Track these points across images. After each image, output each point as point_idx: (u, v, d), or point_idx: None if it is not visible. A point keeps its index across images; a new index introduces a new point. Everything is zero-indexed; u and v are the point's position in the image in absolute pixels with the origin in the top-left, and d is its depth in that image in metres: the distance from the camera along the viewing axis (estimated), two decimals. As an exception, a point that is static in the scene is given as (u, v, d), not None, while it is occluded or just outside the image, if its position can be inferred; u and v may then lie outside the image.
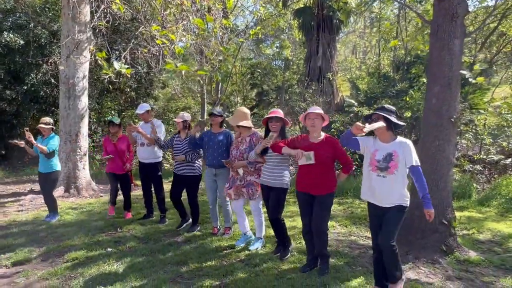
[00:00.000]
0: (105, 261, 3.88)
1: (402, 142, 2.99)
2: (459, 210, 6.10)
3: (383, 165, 2.98)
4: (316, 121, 3.43)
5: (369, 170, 3.08)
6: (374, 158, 3.04)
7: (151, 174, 5.42)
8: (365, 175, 3.16)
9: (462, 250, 4.02)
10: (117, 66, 4.45)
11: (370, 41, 20.33)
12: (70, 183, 7.79)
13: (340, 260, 3.88)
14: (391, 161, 2.96)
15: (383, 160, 2.99)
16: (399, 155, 2.94)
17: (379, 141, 3.08)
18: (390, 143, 3.02)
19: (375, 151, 3.06)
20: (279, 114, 3.83)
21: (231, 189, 4.18)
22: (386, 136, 3.03)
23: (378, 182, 3.02)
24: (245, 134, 4.20)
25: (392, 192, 2.96)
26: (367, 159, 3.12)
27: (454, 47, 4.01)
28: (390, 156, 2.97)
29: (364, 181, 3.19)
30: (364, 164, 3.17)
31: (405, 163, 2.93)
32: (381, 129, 2.97)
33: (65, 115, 7.75)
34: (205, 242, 4.43)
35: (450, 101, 4.00)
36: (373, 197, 3.10)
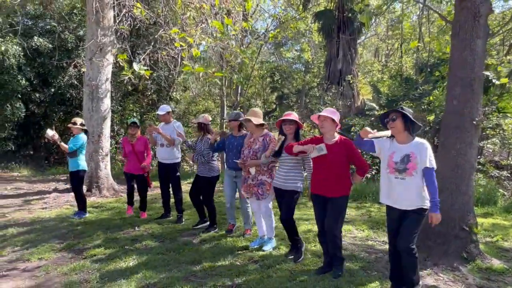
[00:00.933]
0: (122, 258, 3.96)
1: (419, 143, 2.93)
2: (484, 216, 5.88)
3: (401, 166, 2.92)
4: (325, 123, 3.39)
5: (387, 172, 3.02)
6: (391, 160, 2.98)
7: (170, 174, 5.51)
8: (383, 178, 3.10)
9: (485, 257, 3.86)
10: (137, 68, 4.59)
11: (393, 44, 19.98)
12: (92, 183, 8.00)
13: (356, 264, 3.80)
14: (409, 162, 2.90)
15: (400, 161, 2.93)
16: (416, 156, 2.88)
17: (396, 142, 3.02)
18: (407, 144, 2.96)
19: (392, 153, 3.00)
20: (293, 116, 3.81)
21: (243, 189, 4.21)
22: (403, 136, 2.97)
23: (396, 184, 2.96)
24: (257, 134, 4.19)
25: (411, 194, 2.90)
26: (384, 161, 3.08)
27: (477, 47, 3.88)
28: (408, 158, 2.91)
29: (382, 184, 3.13)
30: (381, 167, 3.13)
31: (421, 165, 2.87)
32: (397, 129, 2.91)
33: (89, 116, 7.98)
34: (220, 243, 4.45)
35: (472, 102, 3.86)
36: (392, 200, 3.03)
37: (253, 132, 4.22)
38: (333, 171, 3.35)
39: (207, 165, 4.89)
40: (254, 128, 4.16)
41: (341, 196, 3.38)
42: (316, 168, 3.48)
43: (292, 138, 3.83)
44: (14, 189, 8.43)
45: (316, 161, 3.47)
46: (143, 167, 5.58)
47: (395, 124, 2.93)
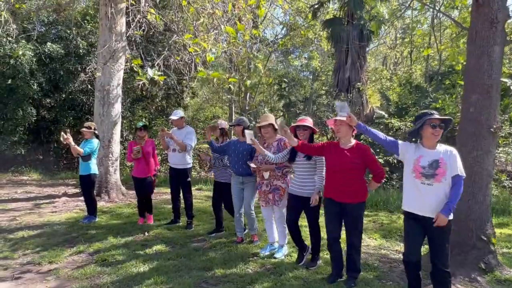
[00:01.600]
0: (132, 263, 3.93)
1: (449, 150, 2.87)
2: (499, 227, 5.75)
3: (429, 172, 2.84)
4: (342, 128, 3.34)
5: (413, 177, 2.92)
6: (418, 164, 2.89)
7: (181, 180, 5.48)
8: (408, 183, 2.99)
9: (503, 269, 3.76)
10: (151, 73, 4.60)
11: (402, 52, 19.93)
12: (102, 187, 8.01)
13: (370, 274, 3.73)
14: (438, 168, 2.82)
15: (428, 166, 2.85)
16: (446, 163, 2.82)
17: (423, 147, 2.94)
18: (436, 150, 2.89)
19: (419, 157, 2.91)
20: (307, 122, 3.78)
21: (260, 197, 4.17)
22: (434, 142, 2.89)
23: (423, 190, 2.86)
24: (271, 140, 4.15)
25: (439, 201, 2.81)
26: (409, 165, 2.97)
27: (494, 54, 3.83)
28: (437, 163, 2.83)
29: (406, 190, 3.01)
30: (405, 172, 3.02)
31: (451, 171, 2.80)
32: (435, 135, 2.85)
33: (99, 121, 8.03)
34: (231, 249, 4.39)
35: (489, 110, 3.80)
36: (417, 206, 2.91)
37: (269, 137, 4.15)
38: (349, 176, 3.29)
39: (228, 170, 4.87)
40: (272, 133, 4.09)
41: (358, 202, 3.33)
42: (330, 171, 3.42)
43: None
44: (24, 193, 8.48)
45: (330, 165, 3.42)
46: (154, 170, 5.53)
47: (441, 132, 2.86)
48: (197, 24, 6.34)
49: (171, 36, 7.54)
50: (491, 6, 3.80)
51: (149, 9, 6.67)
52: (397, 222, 5.91)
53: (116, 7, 7.62)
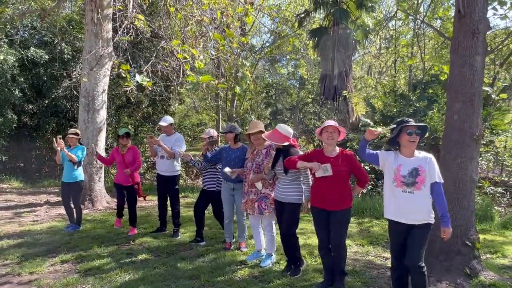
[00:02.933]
0: (117, 272, 3.84)
1: (427, 157, 2.92)
2: (481, 233, 5.85)
3: (410, 180, 2.88)
4: (335, 135, 3.36)
5: (394, 186, 2.96)
6: (398, 173, 2.94)
7: (169, 187, 5.41)
8: (388, 192, 3.03)
9: (488, 273, 3.82)
10: (139, 79, 4.56)
11: (386, 61, 20.34)
12: (85, 195, 7.82)
13: (357, 280, 3.73)
14: (418, 176, 2.86)
15: (409, 175, 2.89)
16: (425, 170, 2.86)
17: (401, 155, 2.98)
18: (414, 158, 2.94)
19: (399, 166, 2.95)
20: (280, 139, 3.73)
21: (246, 204, 4.12)
22: (412, 150, 2.95)
23: (404, 199, 2.90)
24: (260, 147, 4.14)
25: (420, 209, 2.86)
26: (390, 174, 3.01)
27: (476, 64, 3.94)
28: (417, 171, 2.87)
29: (387, 198, 3.06)
30: (385, 181, 3.06)
31: (430, 178, 2.85)
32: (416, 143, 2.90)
33: (84, 128, 7.89)
34: (218, 257, 4.34)
35: (472, 117, 3.90)
36: (399, 214, 2.95)
37: (259, 144, 4.13)
38: (335, 184, 3.30)
39: (216, 179, 4.84)
40: (262, 140, 4.05)
41: (344, 209, 3.34)
42: (317, 180, 3.42)
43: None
44: (4, 201, 8.21)
45: None
46: (126, 172, 5.41)
47: (417, 138, 2.91)
48: (185, 31, 6.33)
49: (159, 42, 7.49)
50: (472, 17, 3.92)
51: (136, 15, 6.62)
52: (384, 229, 5.96)
53: (103, 13, 7.55)
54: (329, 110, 12.70)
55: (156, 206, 5.69)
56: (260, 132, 4.04)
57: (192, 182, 12.53)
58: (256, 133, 4.05)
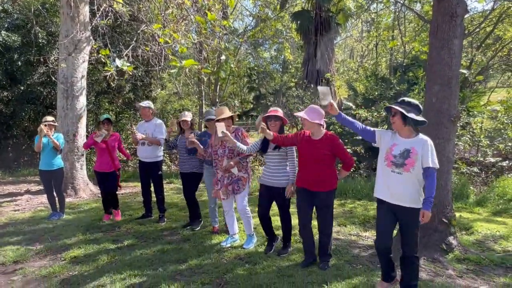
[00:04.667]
0: (103, 258, 3.85)
1: (423, 140, 2.85)
2: (457, 210, 6.11)
3: (399, 161, 2.87)
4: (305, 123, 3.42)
5: (384, 165, 2.96)
6: (390, 152, 2.92)
7: (151, 173, 5.38)
8: (380, 171, 3.04)
9: (463, 249, 4.02)
10: (119, 64, 4.45)
11: (368, 45, 20.47)
12: (68, 183, 7.71)
13: (341, 259, 3.86)
14: (408, 158, 2.83)
15: (399, 155, 2.87)
16: (417, 153, 2.82)
17: (398, 135, 2.95)
18: (410, 139, 2.89)
19: (393, 145, 2.94)
20: (278, 113, 3.82)
21: (220, 190, 4.10)
22: (404, 131, 2.90)
23: (393, 179, 2.90)
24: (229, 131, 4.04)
25: (407, 191, 2.85)
26: (382, 153, 3.01)
27: (454, 47, 4.03)
28: (408, 153, 2.84)
29: (378, 177, 3.06)
30: (379, 159, 3.06)
31: (421, 163, 2.81)
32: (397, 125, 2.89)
33: (63, 115, 7.70)
34: (204, 241, 4.40)
35: (450, 99, 4.01)
36: (388, 194, 2.96)
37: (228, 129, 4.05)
38: (320, 167, 3.37)
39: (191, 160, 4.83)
40: (231, 125, 4.08)
41: (328, 190, 3.42)
42: (303, 162, 3.49)
43: None
44: (-18, 192, 8.01)
45: (302, 155, 3.50)
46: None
47: (394, 119, 2.90)
48: (166, 14, 6.18)
49: (139, 26, 7.28)
50: (450, 0, 3.99)
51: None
52: (366, 209, 6.14)
53: (78, -5, 7.28)
54: (312, 94, 12.75)
55: (140, 192, 5.66)
56: (230, 118, 4.06)
57: (177, 168, 12.48)
58: (226, 119, 4.04)
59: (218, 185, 4.11)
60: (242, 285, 3.18)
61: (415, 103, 2.93)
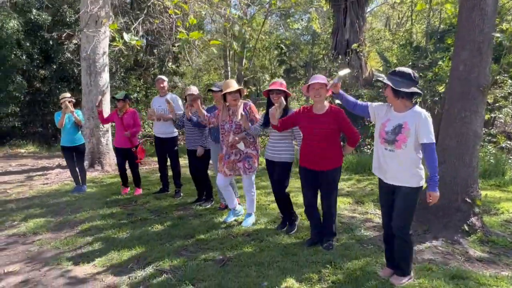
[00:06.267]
0: (115, 232, 3.95)
1: (417, 113, 2.57)
2: (491, 189, 5.69)
3: (391, 137, 2.63)
4: (322, 91, 3.13)
5: (378, 142, 2.76)
6: (383, 129, 2.70)
7: (168, 149, 5.41)
8: (375, 148, 2.84)
9: (487, 231, 3.72)
10: (127, 38, 4.39)
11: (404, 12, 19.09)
12: (95, 158, 8.01)
13: (352, 238, 3.70)
14: (399, 133, 2.59)
15: (391, 131, 2.64)
16: (410, 128, 2.56)
17: (393, 110, 2.71)
18: (403, 113, 2.63)
19: (386, 120, 2.70)
20: (279, 85, 3.58)
21: (225, 166, 3.97)
22: (397, 104, 2.64)
23: (386, 157, 2.69)
24: (235, 107, 3.90)
25: (401, 169, 2.62)
26: (377, 129, 2.79)
27: (486, 7, 3.57)
28: (400, 128, 2.60)
29: (374, 154, 2.86)
30: (374, 135, 2.86)
31: (416, 138, 2.56)
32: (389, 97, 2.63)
33: (87, 91, 7.88)
34: (214, 217, 4.38)
35: (479, 67, 3.60)
36: (382, 173, 2.79)
37: (234, 104, 3.88)
38: (324, 143, 3.16)
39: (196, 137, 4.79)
40: (237, 100, 3.86)
41: (333, 168, 3.23)
42: (306, 139, 3.29)
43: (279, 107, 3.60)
44: (18, 166, 8.51)
45: (304, 132, 3.30)
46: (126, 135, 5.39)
47: (386, 92, 2.66)
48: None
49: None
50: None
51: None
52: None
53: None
54: (340, 65, 12.19)
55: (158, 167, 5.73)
56: (237, 91, 3.84)
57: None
58: (234, 92, 3.83)
59: (223, 161, 4.01)
60: (244, 262, 3.13)
61: (407, 72, 2.62)
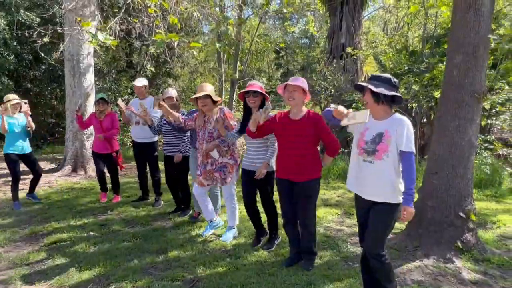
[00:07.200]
0: (82, 246, 3.65)
1: (397, 120, 2.34)
2: (488, 200, 5.44)
3: (371, 147, 2.38)
4: (295, 94, 2.86)
5: (356, 153, 2.49)
6: (362, 138, 2.44)
7: (147, 154, 5.13)
8: (352, 160, 2.57)
9: (482, 247, 3.45)
10: (101, 38, 4.12)
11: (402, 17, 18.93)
12: (78, 162, 7.73)
13: (337, 255, 3.43)
14: (380, 143, 2.34)
15: (371, 141, 2.38)
16: (391, 136, 2.31)
17: (372, 118, 2.45)
18: (383, 121, 2.39)
19: (365, 130, 2.45)
20: (257, 87, 3.29)
21: (201, 175, 3.67)
22: (377, 111, 2.39)
23: (364, 169, 2.42)
24: (211, 113, 3.61)
25: (380, 183, 2.36)
26: (355, 139, 2.54)
27: (483, 7, 3.33)
28: (380, 137, 2.35)
29: (350, 167, 2.60)
30: (352, 146, 2.59)
31: (395, 147, 2.31)
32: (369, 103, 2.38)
33: (71, 93, 7.61)
34: (192, 229, 4.10)
35: (474, 72, 3.35)
36: (359, 187, 2.50)
37: (208, 110, 3.56)
38: (301, 152, 2.89)
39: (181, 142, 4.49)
40: (211, 105, 3.55)
41: (311, 179, 2.94)
42: (282, 148, 3.01)
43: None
44: (0, 169, 8.20)
45: (280, 139, 3.02)
46: (99, 138, 5.09)
47: (365, 98, 2.41)
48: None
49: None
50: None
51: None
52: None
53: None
54: (335, 69, 11.96)
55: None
56: (207, 97, 3.51)
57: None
58: (203, 98, 3.50)
59: (199, 170, 3.72)
60: (215, 283, 2.85)
61: (386, 77, 2.42)
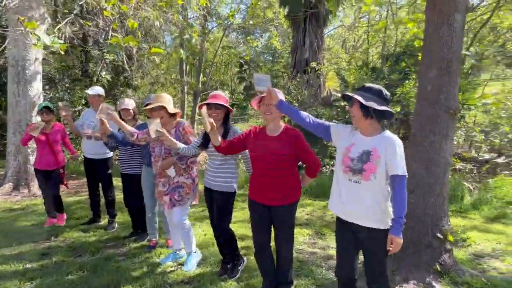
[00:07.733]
0: (15, 283, 3.08)
1: (387, 138, 2.14)
2: (453, 215, 5.45)
3: (357, 165, 2.15)
4: (273, 108, 2.55)
5: (341, 170, 2.25)
6: (348, 154, 2.21)
7: (99, 172, 4.61)
8: (335, 178, 2.33)
9: (460, 269, 3.33)
10: (47, 41, 3.66)
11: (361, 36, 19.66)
12: (20, 179, 6.92)
13: (312, 283, 3.14)
14: (367, 162, 2.12)
15: (358, 159, 2.16)
16: (380, 156, 2.10)
17: (358, 133, 2.25)
18: (371, 137, 2.18)
19: (351, 145, 2.22)
20: (220, 99, 2.97)
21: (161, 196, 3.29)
22: (364, 125, 2.18)
23: (349, 190, 2.19)
24: (167, 127, 3.24)
25: (366, 206, 2.14)
26: (339, 155, 2.30)
27: (455, 23, 3.29)
28: (368, 155, 2.13)
29: (333, 186, 2.35)
30: (336, 162, 2.35)
31: (384, 168, 2.10)
32: (356, 117, 2.18)
33: (14, 102, 6.84)
34: (150, 256, 3.65)
35: (448, 87, 3.28)
36: (342, 209, 2.27)
37: (164, 123, 3.16)
38: (277, 172, 2.59)
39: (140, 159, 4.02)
40: (167, 118, 3.21)
41: (289, 204, 2.65)
42: (256, 167, 2.70)
43: (220, 126, 3.00)
44: None
45: (254, 157, 2.70)
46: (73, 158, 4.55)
47: (352, 110, 2.20)
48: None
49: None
50: (453, -35, 3.23)
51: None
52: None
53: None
54: (298, 83, 11.99)
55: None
56: (161, 108, 3.15)
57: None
58: (157, 109, 3.15)
59: (159, 187, 3.32)
60: (177, 325, 2.45)
61: (377, 88, 2.23)
